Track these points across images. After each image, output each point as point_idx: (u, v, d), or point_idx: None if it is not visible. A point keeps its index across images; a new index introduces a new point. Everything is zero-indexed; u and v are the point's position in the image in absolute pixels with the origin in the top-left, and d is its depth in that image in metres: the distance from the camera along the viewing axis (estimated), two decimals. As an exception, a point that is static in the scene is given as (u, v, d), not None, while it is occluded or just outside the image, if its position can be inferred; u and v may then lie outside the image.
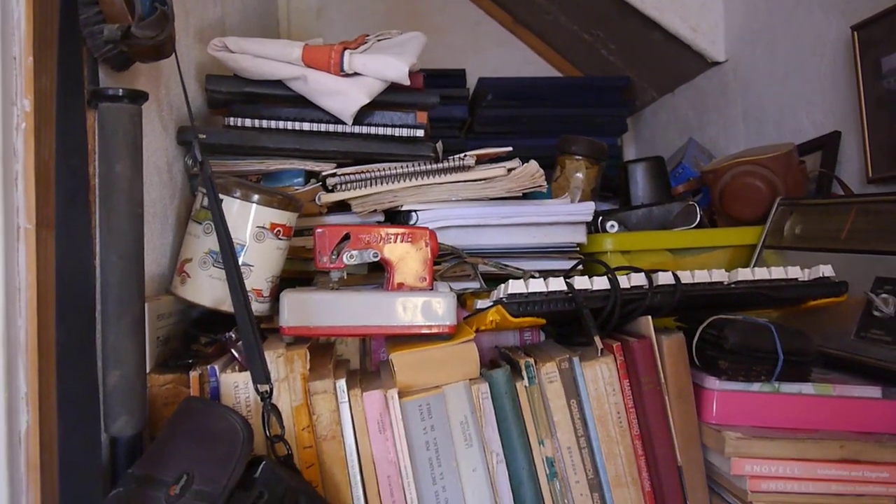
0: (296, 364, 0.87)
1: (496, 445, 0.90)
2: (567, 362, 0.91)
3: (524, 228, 1.17)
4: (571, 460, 0.91)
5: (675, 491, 0.91)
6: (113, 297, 0.78)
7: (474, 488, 0.90)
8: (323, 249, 0.95)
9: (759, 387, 0.93)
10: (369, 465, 0.88)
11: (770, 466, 0.88)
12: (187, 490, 0.69)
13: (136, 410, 0.78)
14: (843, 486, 0.89)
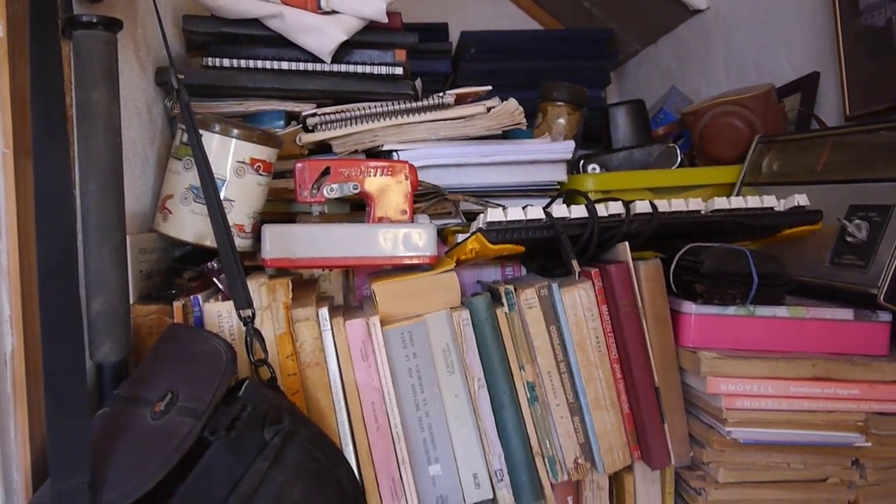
0: (278, 293, 0.88)
1: (478, 371, 0.92)
2: (546, 289, 0.93)
3: (504, 168, 1.18)
4: (552, 384, 0.93)
5: (652, 412, 0.93)
6: (94, 225, 0.79)
7: (457, 414, 0.92)
8: (303, 183, 0.96)
9: (735, 310, 0.94)
10: (353, 391, 0.90)
11: (744, 385, 0.90)
12: (172, 407, 0.71)
13: (119, 337, 0.80)
14: (814, 404, 0.91)
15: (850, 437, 0.92)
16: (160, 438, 0.68)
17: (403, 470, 0.91)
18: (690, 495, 0.95)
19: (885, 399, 0.93)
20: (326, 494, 0.74)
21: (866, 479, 0.94)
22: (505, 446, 0.92)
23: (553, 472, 0.93)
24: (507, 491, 0.92)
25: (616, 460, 0.94)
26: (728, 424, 0.89)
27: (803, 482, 0.93)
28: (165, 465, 0.66)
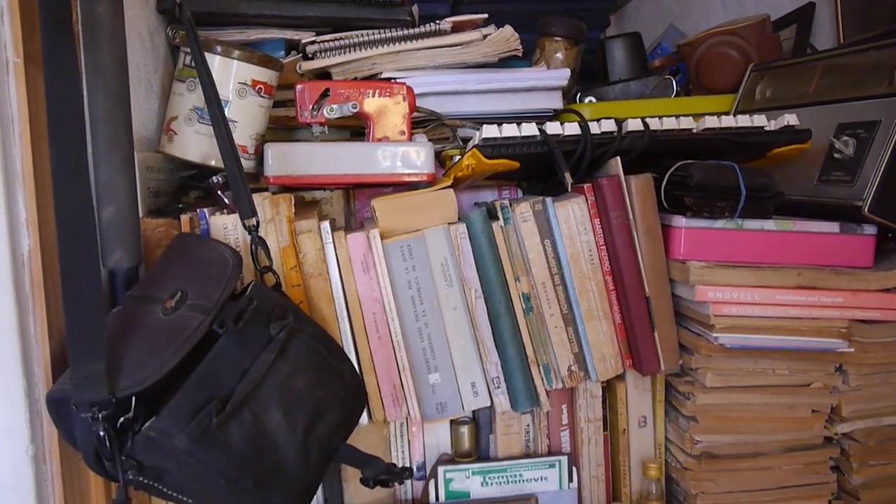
0: (281, 207, 0.91)
1: (475, 283, 0.95)
2: (540, 204, 0.96)
3: (501, 95, 1.20)
4: (546, 295, 0.96)
5: (643, 321, 0.96)
6: (102, 136, 0.81)
7: (455, 325, 0.96)
8: (303, 104, 0.99)
9: (724, 223, 0.97)
10: (355, 302, 0.93)
11: (731, 293, 0.94)
12: (182, 304, 0.75)
13: (130, 244, 0.83)
14: (799, 311, 0.95)
15: (833, 343, 0.95)
16: (171, 331, 0.72)
17: (404, 377, 0.95)
18: (679, 401, 0.99)
19: (868, 307, 0.96)
20: (330, 387, 0.78)
21: (849, 384, 0.97)
22: (501, 355, 0.96)
23: (548, 379, 0.97)
24: (503, 398, 0.97)
25: (608, 369, 0.98)
26: (715, 330, 0.93)
27: (788, 387, 0.97)
28: (177, 353, 0.70)
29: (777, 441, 0.98)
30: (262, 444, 0.71)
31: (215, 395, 0.70)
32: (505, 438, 1.00)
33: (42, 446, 0.75)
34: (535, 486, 0.99)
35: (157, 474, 0.70)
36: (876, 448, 0.98)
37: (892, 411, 0.99)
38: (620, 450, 1.02)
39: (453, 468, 0.98)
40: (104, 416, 0.67)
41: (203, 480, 0.69)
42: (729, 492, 0.97)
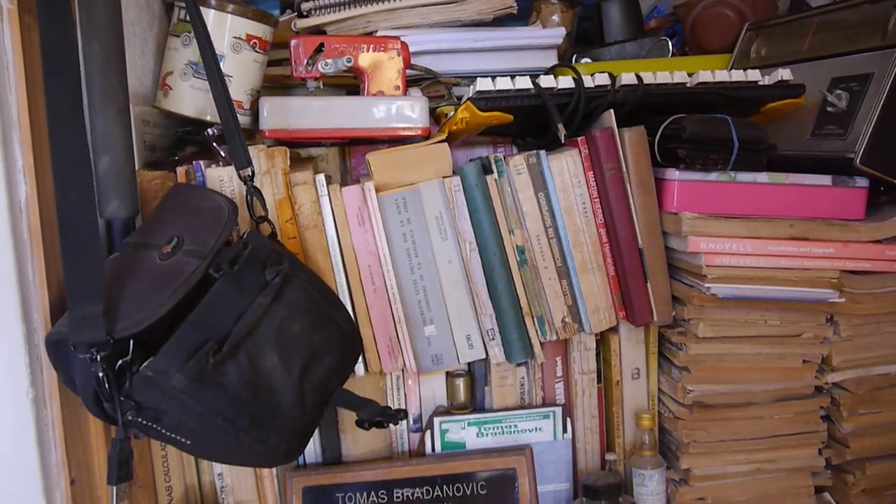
0: (276, 159, 0.92)
1: (469, 235, 0.96)
2: (534, 157, 0.97)
3: (496, 54, 1.20)
4: (540, 248, 0.97)
5: (636, 273, 0.97)
6: (98, 87, 0.82)
7: (450, 278, 0.97)
8: (298, 59, 0.99)
9: (717, 176, 0.98)
10: (350, 254, 0.94)
11: (724, 244, 0.94)
12: (178, 250, 0.75)
13: (127, 195, 0.84)
14: (791, 262, 0.96)
15: (824, 294, 0.96)
16: (168, 275, 0.73)
17: (400, 329, 0.96)
18: (672, 352, 1.00)
19: (859, 258, 0.97)
20: (325, 332, 0.79)
21: (840, 334, 0.98)
22: (496, 307, 0.97)
23: (542, 331, 0.98)
24: (498, 349, 0.98)
25: (602, 321, 0.99)
26: (708, 281, 0.94)
27: (779, 337, 0.98)
28: (174, 296, 0.71)
29: (768, 391, 0.99)
30: (258, 385, 0.72)
31: (212, 336, 0.71)
32: (500, 390, 1.02)
33: (42, 390, 0.76)
34: (530, 437, 1.01)
35: (155, 415, 0.71)
36: (866, 397, 0.99)
37: (882, 361, 1.00)
38: (614, 401, 1.03)
39: (449, 419, 0.99)
40: (102, 358, 0.68)
41: (200, 420, 0.70)
42: (721, 440, 0.98)
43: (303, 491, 0.95)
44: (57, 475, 0.77)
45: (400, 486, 0.96)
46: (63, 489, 0.77)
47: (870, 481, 1.00)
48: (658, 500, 0.99)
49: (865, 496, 1.00)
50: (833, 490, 1.03)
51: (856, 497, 1.00)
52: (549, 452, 1.01)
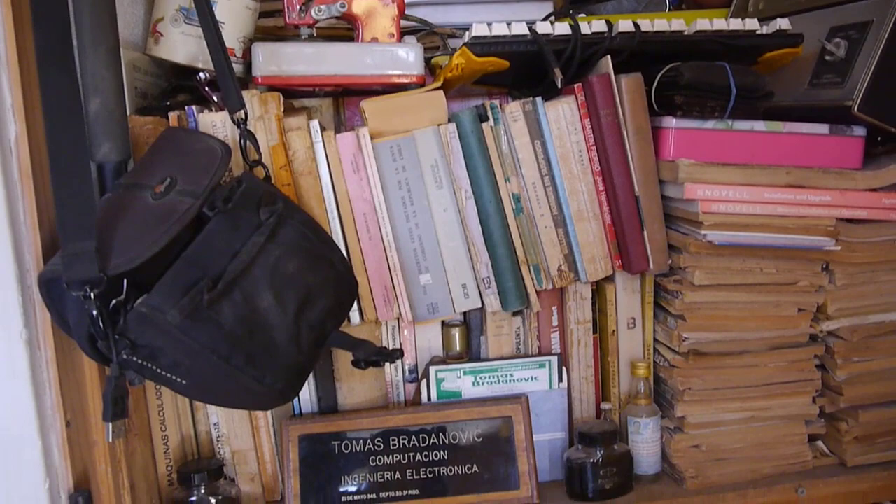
0: (270, 105, 0.91)
1: (465, 182, 0.96)
2: (530, 104, 0.96)
3: (491, 6, 1.20)
4: (536, 196, 0.97)
5: (633, 220, 0.97)
6: (87, 28, 0.80)
7: (446, 227, 0.96)
8: (291, 5, 0.97)
9: (714, 124, 0.97)
10: (345, 202, 0.94)
11: (720, 191, 0.94)
12: (171, 189, 0.75)
13: (118, 138, 0.83)
14: (787, 209, 0.95)
15: (820, 241, 0.96)
16: (161, 214, 0.72)
17: (395, 278, 0.95)
18: (668, 301, 1.00)
19: (856, 206, 0.97)
20: (320, 273, 0.79)
21: (835, 283, 0.99)
22: (492, 255, 0.97)
23: (538, 279, 0.98)
24: (494, 298, 0.98)
25: (598, 270, 0.99)
26: (704, 228, 0.93)
27: (775, 285, 0.98)
28: (168, 233, 0.70)
29: (763, 339, 0.99)
30: (253, 323, 0.72)
31: (206, 274, 0.70)
32: (496, 339, 1.02)
33: (36, 332, 0.76)
34: (526, 386, 1.01)
35: (150, 353, 0.71)
36: (860, 345, 0.99)
37: (876, 309, 1.00)
38: (609, 351, 1.03)
39: (445, 368, 0.99)
40: (96, 295, 0.67)
41: (195, 358, 0.70)
42: (715, 388, 0.98)
43: (299, 439, 0.96)
44: (52, 416, 0.77)
45: (396, 434, 0.97)
46: (58, 431, 0.77)
47: (862, 429, 1.00)
48: (653, 447, 1.00)
49: (858, 443, 1.01)
50: (826, 438, 1.04)
51: (848, 444, 1.01)
52: (545, 402, 1.01)
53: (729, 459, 1.00)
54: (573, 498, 0.98)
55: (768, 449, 1.01)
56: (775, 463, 1.01)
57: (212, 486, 0.93)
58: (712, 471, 0.99)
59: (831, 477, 1.00)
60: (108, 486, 0.83)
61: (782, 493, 0.99)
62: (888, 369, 1.01)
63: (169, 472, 0.97)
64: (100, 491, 0.82)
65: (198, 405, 0.97)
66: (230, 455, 0.98)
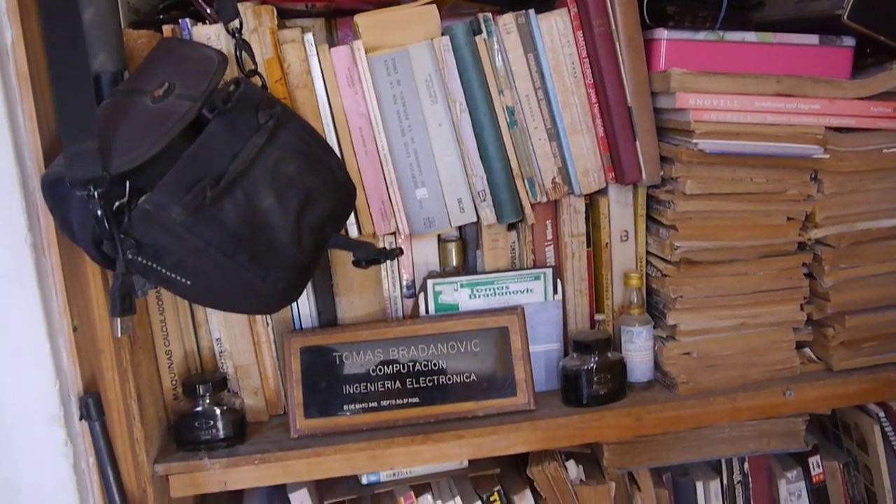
0: (263, 17, 0.91)
1: (459, 95, 0.96)
2: (523, 16, 0.96)
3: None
4: (530, 109, 0.98)
5: (625, 131, 0.98)
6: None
7: (441, 142, 0.98)
8: (282, -81, 0.97)
9: (705, 35, 0.98)
10: (341, 116, 0.94)
11: (711, 100, 0.95)
12: (170, 94, 0.75)
13: (113, 48, 0.83)
14: (777, 118, 0.97)
15: (809, 149, 0.98)
16: (161, 117, 0.73)
17: (392, 191, 0.97)
18: (660, 212, 1.02)
19: (845, 114, 0.98)
20: (319, 176, 0.80)
21: (823, 192, 1.00)
22: (487, 168, 0.98)
23: (532, 192, 0.99)
24: (489, 210, 0.99)
25: (591, 182, 1.00)
26: (696, 136, 0.95)
27: (764, 194, 1.00)
28: (168, 134, 0.71)
29: (753, 247, 1.01)
30: (255, 222, 0.73)
31: (208, 173, 0.72)
32: (492, 253, 1.03)
33: (40, 237, 0.76)
34: (521, 298, 1.03)
35: (155, 252, 0.72)
36: (847, 252, 1.02)
37: (863, 217, 1.02)
38: (603, 264, 1.05)
39: (442, 281, 1.01)
40: (100, 195, 0.68)
41: (200, 256, 0.72)
42: (706, 296, 1.01)
43: (300, 351, 0.98)
44: (59, 321, 0.78)
45: (395, 345, 0.99)
46: (66, 335, 0.79)
47: (848, 333, 1.03)
48: (646, 355, 1.03)
49: (844, 348, 1.04)
50: (813, 345, 1.07)
51: (834, 349, 1.04)
52: (540, 313, 1.03)
53: (719, 366, 1.03)
54: (568, 405, 1.01)
55: (757, 355, 1.03)
56: (764, 369, 1.04)
57: (216, 397, 0.95)
58: (703, 377, 1.02)
59: (818, 381, 1.03)
60: (117, 394, 0.86)
61: (770, 396, 1.02)
62: (874, 275, 1.04)
63: (174, 386, 0.99)
64: (108, 398, 0.84)
65: (200, 320, 0.99)
66: (233, 370, 1.01)
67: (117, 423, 0.85)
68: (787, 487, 1.15)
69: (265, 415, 1.03)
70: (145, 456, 0.90)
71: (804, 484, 1.15)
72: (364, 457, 0.95)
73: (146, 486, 0.90)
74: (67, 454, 0.78)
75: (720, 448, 1.10)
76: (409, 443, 0.95)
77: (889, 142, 1.00)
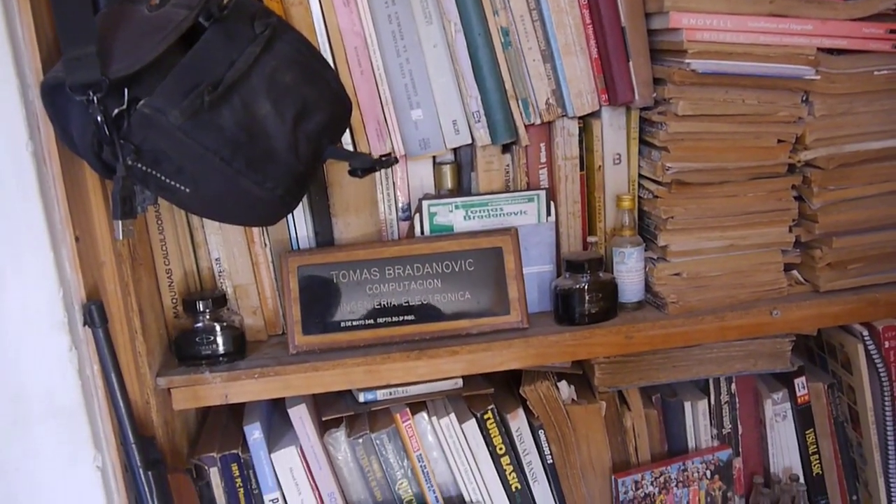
0: (258, -67, 0.91)
1: (454, 16, 0.97)
2: (518, -65, 0.96)
3: None
4: (524, 29, 0.98)
5: (619, 53, 0.99)
6: None
7: (436, 63, 0.98)
8: None
9: (699, -45, 0.98)
10: (337, 36, 0.95)
11: (704, 19, 0.96)
12: (166, 2, 0.76)
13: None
14: (770, 38, 0.97)
15: (800, 70, 0.99)
16: (158, 24, 0.74)
17: (387, 111, 0.98)
18: (652, 134, 1.03)
19: (837, 35, 0.99)
20: (315, 87, 0.81)
21: (814, 114, 1.02)
22: (481, 88, 0.99)
23: (526, 113, 1.01)
24: (484, 131, 1.00)
25: (585, 104, 1.01)
26: (688, 56, 0.95)
27: (755, 115, 1.01)
28: (165, 40, 0.72)
29: (743, 169, 1.03)
30: (252, 129, 0.74)
31: (205, 79, 0.72)
32: (486, 175, 1.05)
33: (41, 146, 0.77)
34: (515, 220, 1.04)
35: (154, 158, 0.73)
36: (835, 174, 1.03)
37: (853, 139, 1.03)
38: (596, 187, 1.07)
39: (437, 202, 1.03)
40: (99, 100, 0.69)
41: (199, 162, 0.73)
42: (697, 217, 1.02)
43: (298, 270, 0.99)
44: (62, 231, 0.79)
45: (391, 264, 1.01)
46: (69, 245, 0.80)
47: (835, 255, 1.05)
48: (636, 276, 1.05)
49: (830, 269, 1.06)
50: (801, 267, 1.09)
51: (821, 270, 1.06)
52: (534, 235, 1.05)
53: (708, 286, 1.05)
54: (560, 323, 1.03)
55: (746, 276, 1.06)
56: (752, 290, 1.06)
57: (216, 314, 0.97)
58: (692, 297, 1.04)
59: (804, 301, 1.06)
60: (119, 306, 0.88)
61: (758, 315, 1.04)
62: (862, 197, 1.05)
63: (174, 305, 1.01)
64: (111, 310, 0.86)
65: (199, 241, 1.01)
66: (232, 290, 1.03)
67: (120, 335, 0.87)
68: (772, 408, 1.18)
69: (264, 334, 1.05)
70: (148, 369, 0.92)
71: (790, 405, 1.18)
72: (361, 371, 0.98)
73: (149, 397, 0.92)
74: (72, 359, 0.80)
75: (708, 368, 1.13)
76: (405, 358, 0.98)
77: (880, 64, 1.01)
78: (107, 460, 0.84)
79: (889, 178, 1.05)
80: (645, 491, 1.12)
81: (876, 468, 1.14)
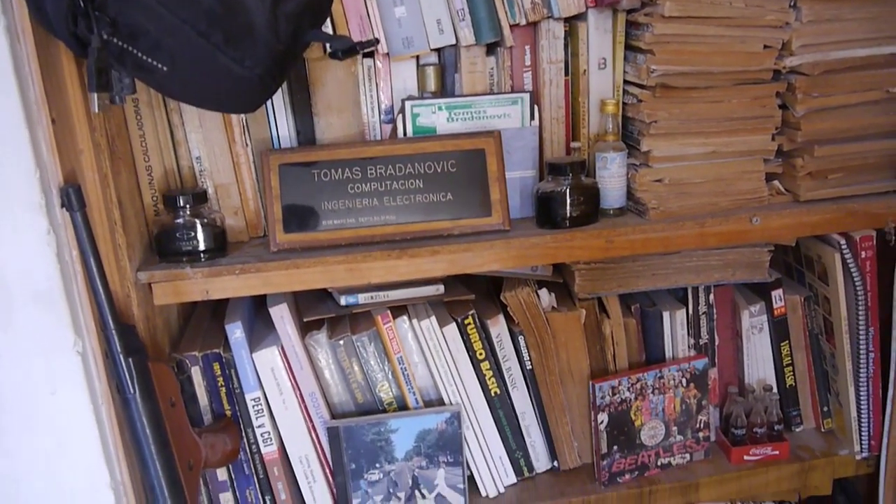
0: None
1: None
2: None
3: None
4: (511, -76, 0.96)
5: (606, -49, 0.98)
6: None
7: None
8: None
9: None
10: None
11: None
12: None
13: None
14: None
15: (789, -28, 0.98)
16: None
17: (370, 8, 0.96)
18: (638, 37, 1.02)
19: (827, -64, 0.98)
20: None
21: (801, 20, 1.01)
22: (466, -15, 0.97)
23: (511, 12, 0.99)
24: (468, 31, 0.99)
25: (570, 4, 1.00)
26: (676, -46, 0.94)
27: (743, 19, 1.00)
28: None
29: (728, 73, 1.02)
30: (230, 3, 0.73)
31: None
32: (470, 76, 1.04)
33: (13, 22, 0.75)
34: (499, 123, 1.04)
35: (130, 33, 0.72)
36: (820, 81, 1.03)
37: (839, 47, 1.03)
38: (580, 92, 1.06)
39: (420, 103, 1.02)
40: (72, -30, 0.68)
41: (175, 36, 0.72)
42: (680, 122, 1.02)
43: (280, 168, 0.99)
44: (38, 112, 0.78)
45: (373, 164, 1.00)
46: (45, 127, 0.79)
47: (816, 164, 1.06)
48: (619, 182, 1.05)
49: (811, 179, 1.07)
50: (782, 177, 1.09)
51: (802, 179, 1.07)
52: (517, 139, 1.05)
53: (690, 193, 1.05)
54: (542, 227, 1.04)
55: (727, 184, 1.06)
56: (733, 198, 1.07)
57: (196, 210, 0.97)
58: (673, 203, 1.05)
59: (784, 210, 1.06)
60: (98, 196, 0.87)
61: (738, 222, 1.05)
62: (845, 106, 1.05)
63: (155, 203, 1.01)
64: (89, 199, 0.86)
65: (179, 139, 1.00)
66: (213, 189, 1.02)
67: (99, 225, 0.87)
68: (749, 320, 1.20)
69: (245, 235, 1.05)
70: (128, 262, 0.92)
71: (766, 317, 1.20)
72: (342, 269, 0.98)
73: (130, 290, 0.92)
74: (50, 242, 0.80)
75: (687, 276, 1.14)
76: (386, 257, 0.98)
77: (869, -31, 1.00)
78: (87, 345, 0.85)
79: (872, 86, 1.05)
80: (622, 396, 1.14)
81: (847, 377, 1.17)
